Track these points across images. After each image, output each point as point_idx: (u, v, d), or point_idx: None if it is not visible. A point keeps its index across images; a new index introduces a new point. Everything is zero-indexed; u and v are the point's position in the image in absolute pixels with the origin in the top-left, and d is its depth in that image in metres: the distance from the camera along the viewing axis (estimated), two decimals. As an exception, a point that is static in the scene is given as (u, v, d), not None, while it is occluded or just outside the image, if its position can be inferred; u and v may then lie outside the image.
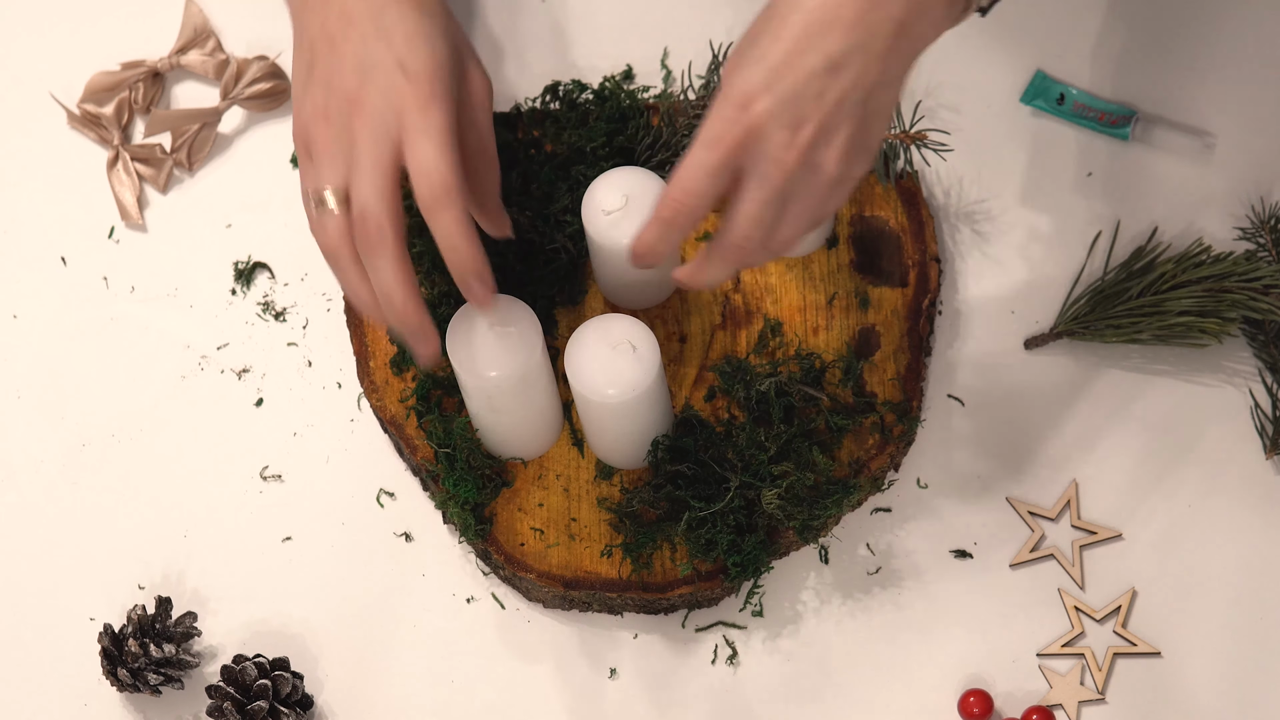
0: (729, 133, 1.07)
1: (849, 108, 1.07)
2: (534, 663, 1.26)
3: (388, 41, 1.11)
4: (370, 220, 1.10)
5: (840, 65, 1.07)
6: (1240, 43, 1.36)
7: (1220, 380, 1.29)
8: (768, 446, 1.23)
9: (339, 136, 1.12)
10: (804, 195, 1.09)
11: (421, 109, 1.10)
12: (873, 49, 1.07)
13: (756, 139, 1.07)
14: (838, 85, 1.07)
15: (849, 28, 1.06)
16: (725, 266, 1.12)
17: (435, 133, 1.10)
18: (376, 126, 1.11)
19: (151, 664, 1.23)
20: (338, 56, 1.12)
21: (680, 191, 1.09)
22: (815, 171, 1.08)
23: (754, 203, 1.09)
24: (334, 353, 1.33)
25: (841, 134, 1.08)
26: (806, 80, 1.06)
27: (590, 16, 1.39)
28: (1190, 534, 1.26)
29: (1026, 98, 1.35)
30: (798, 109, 1.07)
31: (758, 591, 1.26)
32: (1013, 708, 1.24)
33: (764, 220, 1.09)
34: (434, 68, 1.11)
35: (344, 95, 1.12)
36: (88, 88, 1.38)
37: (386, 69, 1.11)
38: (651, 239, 1.11)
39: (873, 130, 1.09)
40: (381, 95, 1.11)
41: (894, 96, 1.10)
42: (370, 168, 1.11)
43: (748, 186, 1.09)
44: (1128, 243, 1.32)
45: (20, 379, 1.33)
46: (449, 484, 1.24)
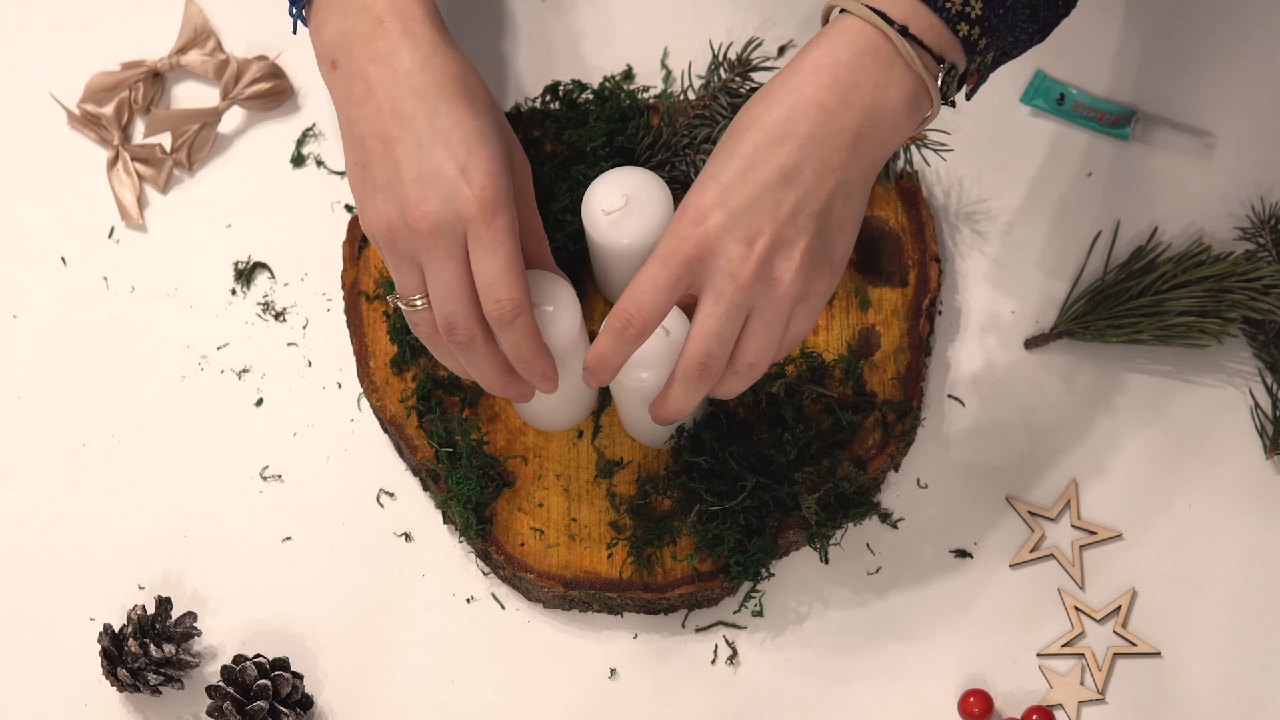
0: (681, 248, 1.07)
1: (804, 220, 1.07)
2: (534, 663, 1.26)
3: (446, 147, 1.11)
4: (460, 330, 1.12)
5: (793, 177, 1.06)
6: (1240, 43, 1.36)
7: (1220, 380, 1.29)
8: (788, 450, 1.23)
9: (409, 248, 1.12)
10: (764, 310, 1.09)
11: (486, 221, 1.10)
12: (829, 160, 1.07)
13: (710, 254, 1.07)
14: (791, 197, 1.07)
15: (802, 141, 1.06)
16: (692, 389, 1.11)
17: (500, 248, 1.11)
18: (444, 237, 1.11)
19: (151, 664, 1.23)
20: (394, 160, 1.12)
21: (632, 304, 1.09)
22: (772, 285, 1.08)
23: (711, 318, 1.08)
24: (334, 353, 1.33)
25: (798, 246, 1.07)
26: (759, 194, 1.07)
27: (590, 16, 1.39)
28: (1190, 534, 1.26)
29: (1026, 98, 1.35)
30: (751, 222, 1.07)
31: (756, 594, 1.26)
32: (1013, 708, 1.24)
33: (723, 335, 1.09)
34: (495, 173, 1.11)
35: (407, 206, 1.11)
36: (88, 88, 1.38)
37: (448, 178, 1.11)
38: (603, 350, 1.11)
39: (835, 243, 1.09)
40: (445, 206, 1.11)
41: (856, 208, 1.09)
42: (447, 284, 1.12)
43: (704, 302, 1.09)
44: (1128, 243, 1.32)
45: (20, 379, 1.33)
46: (451, 482, 1.24)
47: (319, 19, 1.16)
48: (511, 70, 1.38)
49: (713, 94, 1.30)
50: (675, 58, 1.37)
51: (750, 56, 1.30)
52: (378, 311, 1.30)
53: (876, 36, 1.07)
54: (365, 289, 1.30)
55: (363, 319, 1.30)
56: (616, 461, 1.26)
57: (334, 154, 1.37)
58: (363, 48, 1.14)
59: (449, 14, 1.39)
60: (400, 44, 1.13)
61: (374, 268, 1.31)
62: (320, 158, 1.37)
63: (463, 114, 1.12)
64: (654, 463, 1.26)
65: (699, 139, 1.30)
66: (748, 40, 1.30)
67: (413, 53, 1.13)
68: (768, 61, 1.33)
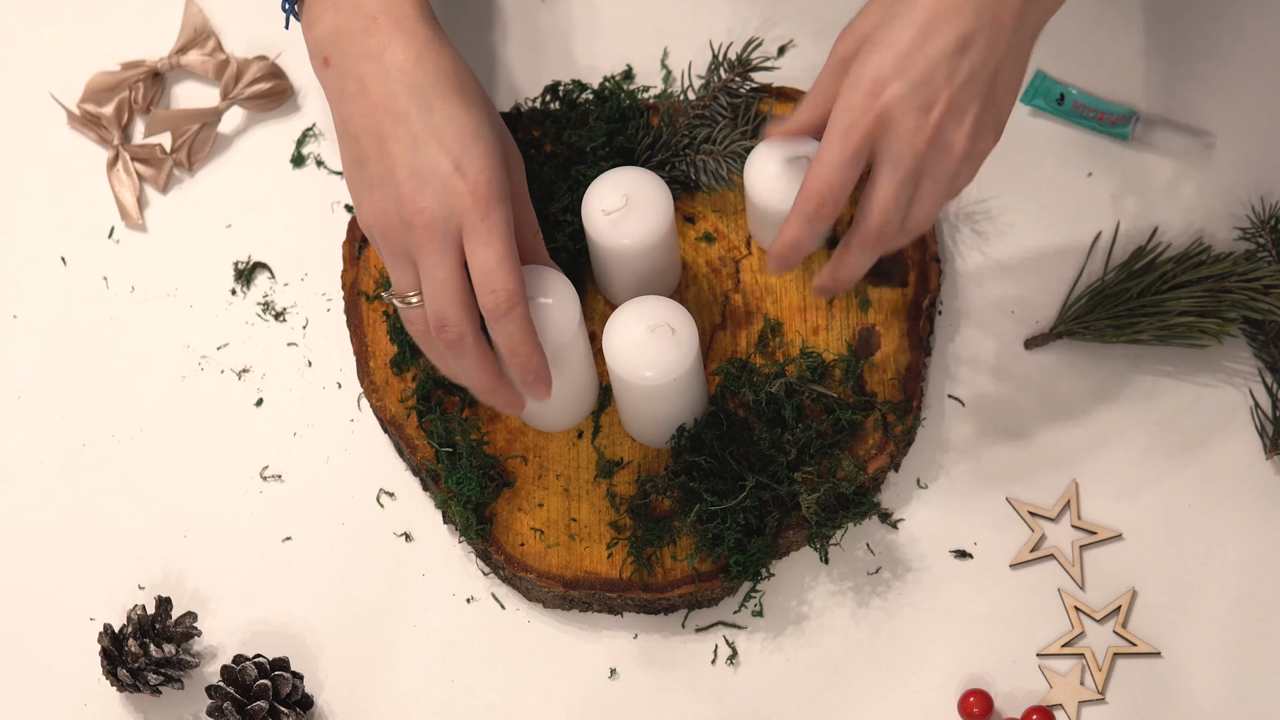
0: (861, 120, 1.10)
1: (978, 86, 1.10)
2: (534, 663, 1.26)
3: (440, 143, 1.12)
4: (450, 328, 1.13)
5: (969, 45, 1.09)
6: (1240, 43, 1.36)
7: (1220, 380, 1.29)
8: (788, 450, 1.23)
9: (404, 244, 1.13)
10: (935, 174, 1.12)
11: (482, 215, 1.11)
12: (1000, 27, 1.10)
13: (889, 124, 1.10)
14: (966, 64, 1.10)
15: (977, 8, 1.09)
16: (867, 255, 1.15)
17: (496, 240, 1.11)
18: (438, 233, 1.12)
19: (151, 664, 1.23)
20: (389, 157, 1.13)
21: (821, 183, 1.11)
22: (946, 150, 1.11)
23: (890, 185, 1.11)
24: (334, 353, 1.33)
25: (970, 112, 1.11)
26: (937, 62, 1.09)
27: (590, 16, 1.39)
28: (1190, 534, 1.26)
29: (1026, 98, 1.35)
30: (928, 91, 1.10)
31: (756, 595, 1.26)
32: (1013, 708, 1.24)
33: (900, 202, 1.12)
34: (490, 168, 1.12)
35: (403, 202, 1.12)
36: (88, 88, 1.38)
37: (443, 174, 1.12)
38: (795, 234, 1.14)
39: (1001, 106, 1.12)
40: (440, 201, 1.12)
41: (1020, 73, 1.12)
42: (440, 280, 1.12)
43: (882, 171, 1.12)
44: (1128, 243, 1.32)
45: (20, 379, 1.33)
46: (452, 482, 1.24)
47: (311, 15, 1.17)
48: (511, 70, 1.38)
49: (713, 94, 1.30)
50: (675, 58, 1.37)
51: (750, 56, 1.30)
52: (378, 311, 1.30)
53: None
54: (365, 289, 1.30)
55: (363, 319, 1.30)
56: (616, 461, 1.26)
57: (334, 154, 1.37)
58: (355, 45, 1.14)
59: (449, 13, 1.39)
60: (393, 40, 1.13)
61: (374, 268, 1.31)
62: (320, 158, 1.37)
63: (456, 110, 1.12)
64: (654, 463, 1.26)
65: (699, 139, 1.30)
66: (748, 40, 1.30)
67: (405, 49, 1.13)
68: (768, 61, 1.33)
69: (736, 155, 1.29)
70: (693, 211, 1.31)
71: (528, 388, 1.16)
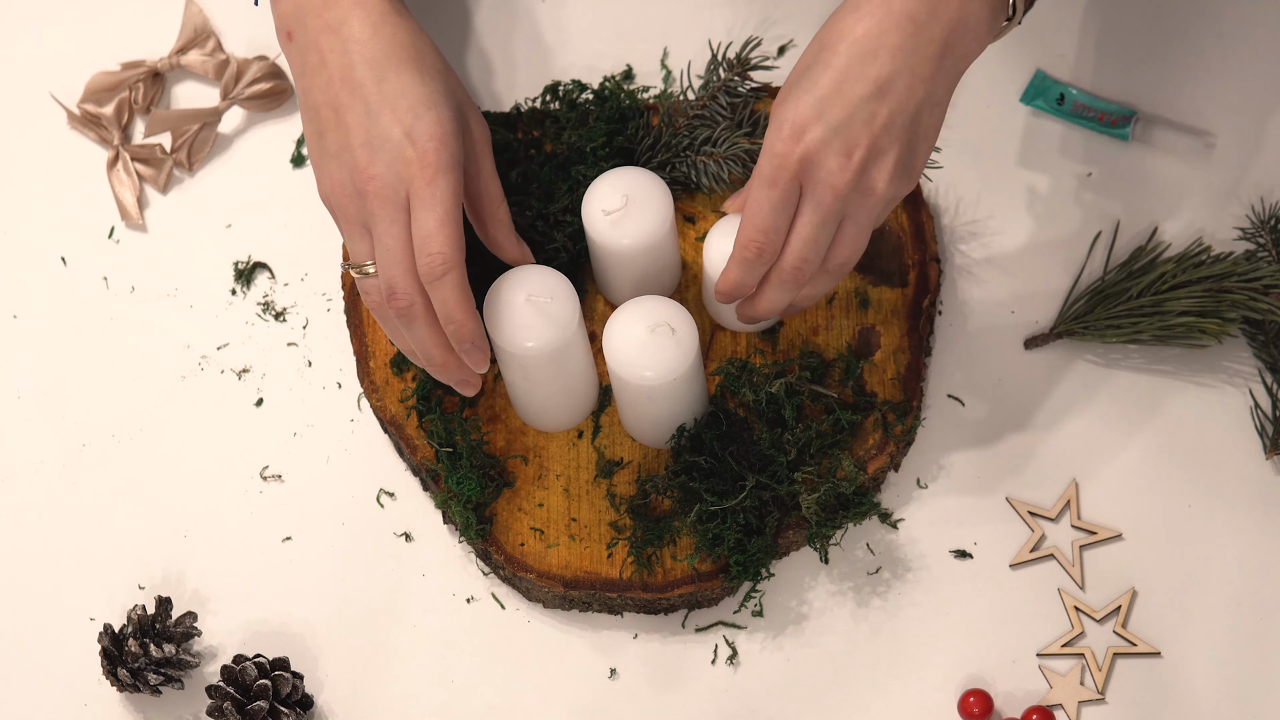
0: (785, 164, 1.12)
1: (897, 130, 1.12)
2: (534, 663, 1.26)
3: (393, 111, 1.13)
4: (400, 296, 1.14)
5: (886, 89, 1.11)
6: (1240, 43, 1.36)
7: (1220, 380, 1.29)
8: (788, 450, 1.23)
9: (359, 212, 1.15)
10: (856, 215, 1.14)
11: (428, 181, 1.13)
12: (918, 71, 1.11)
13: (811, 166, 1.12)
14: (885, 108, 1.11)
15: (894, 52, 1.11)
16: (784, 292, 1.16)
17: (439, 206, 1.13)
18: (388, 200, 1.14)
19: (151, 664, 1.23)
20: (345, 127, 1.15)
21: (756, 231, 1.14)
22: (866, 193, 1.13)
23: (810, 226, 1.13)
24: (334, 353, 1.33)
25: (891, 155, 1.12)
26: (856, 106, 1.11)
27: (590, 16, 1.39)
28: (1190, 534, 1.26)
29: (1026, 98, 1.35)
30: (849, 134, 1.11)
31: (756, 595, 1.26)
32: (1013, 708, 1.24)
33: (819, 242, 1.14)
34: (441, 136, 1.13)
35: (357, 171, 1.14)
36: (88, 88, 1.38)
37: (394, 141, 1.13)
38: (736, 278, 1.16)
39: (919, 150, 1.14)
40: (389, 168, 1.13)
41: (939, 116, 1.14)
42: (390, 246, 1.14)
43: (803, 211, 1.13)
44: (1128, 243, 1.32)
45: (20, 379, 1.33)
46: (452, 482, 1.24)
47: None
48: (511, 70, 1.38)
49: (712, 94, 1.30)
50: (675, 58, 1.37)
51: (749, 56, 1.30)
52: (378, 311, 1.30)
53: None
54: (365, 289, 1.30)
55: (363, 319, 1.30)
56: (616, 461, 1.26)
57: (334, 154, 1.37)
58: (315, 18, 1.16)
59: (449, 14, 1.39)
60: (351, 13, 1.15)
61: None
62: (320, 158, 1.37)
63: (410, 80, 1.14)
64: (654, 463, 1.26)
65: (699, 139, 1.30)
66: (746, 40, 1.30)
67: (363, 21, 1.15)
68: (767, 61, 1.33)
69: (736, 157, 1.29)
70: (693, 212, 1.31)
71: (465, 356, 1.17)
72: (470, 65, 1.38)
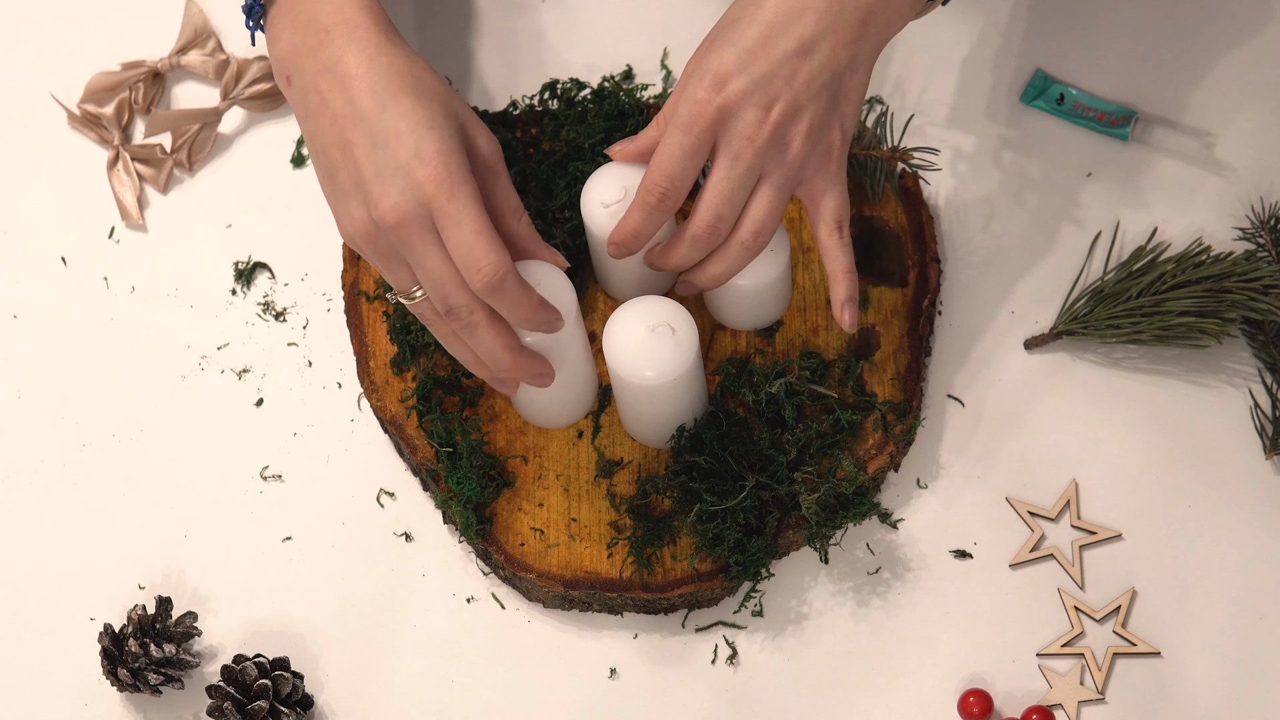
0: (703, 112, 1.12)
1: (817, 88, 1.12)
2: (534, 663, 1.26)
3: (396, 137, 1.13)
4: (459, 313, 1.14)
5: (811, 48, 1.12)
6: (1240, 43, 1.36)
7: (1220, 380, 1.29)
8: (788, 450, 1.23)
9: (388, 245, 1.14)
10: (772, 174, 1.14)
11: (448, 196, 1.12)
12: (842, 34, 1.12)
13: (729, 117, 1.12)
14: (808, 66, 1.12)
15: (820, 13, 1.12)
16: (698, 249, 1.16)
17: (467, 217, 1.12)
18: (415, 225, 1.13)
19: (152, 664, 1.23)
20: (354, 163, 1.14)
21: (663, 176, 1.13)
22: (784, 149, 1.13)
23: (725, 180, 1.13)
24: (334, 353, 1.33)
25: (808, 113, 1.13)
26: (779, 61, 1.12)
27: (590, 16, 1.39)
28: (1190, 534, 1.26)
29: (1026, 98, 1.35)
30: (769, 88, 1.12)
31: (756, 594, 1.26)
32: (1013, 708, 1.24)
33: (734, 198, 1.14)
34: (446, 151, 1.13)
35: (374, 203, 1.13)
36: (88, 88, 1.38)
37: (403, 166, 1.12)
38: (634, 225, 1.15)
39: (842, 111, 1.14)
40: (405, 194, 1.12)
41: (862, 81, 1.15)
42: (432, 269, 1.13)
43: (719, 164, 1.13)
44: (1128, 243, 1.32)
45: (20, 379, 1.33)
46: (452, 482, 1.24)
47: (273, 33, 1.19)
48: (511, 70, 1.38)
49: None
50: (675, 58, 1.37)
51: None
52: (378, 311, 1.30)
53: None
54: (365, 289, 1.30)
55: (363, 319, 1.30)
56: (616, 461, 1.26)
57: (334, 154, 1.37)
58: (312, 59, 1.16)
59: (449, 15, 1.39)
60: (345, 51, 1.15)
61: (373, 268, 1.31)
62: (320, 158, 1.37)
63: (409, 106, 1.14)
64: (654, 463, 1.26)
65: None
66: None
67: (358, 56, 1.15)
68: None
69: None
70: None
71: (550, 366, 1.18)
72: (470, 66, 1.38)
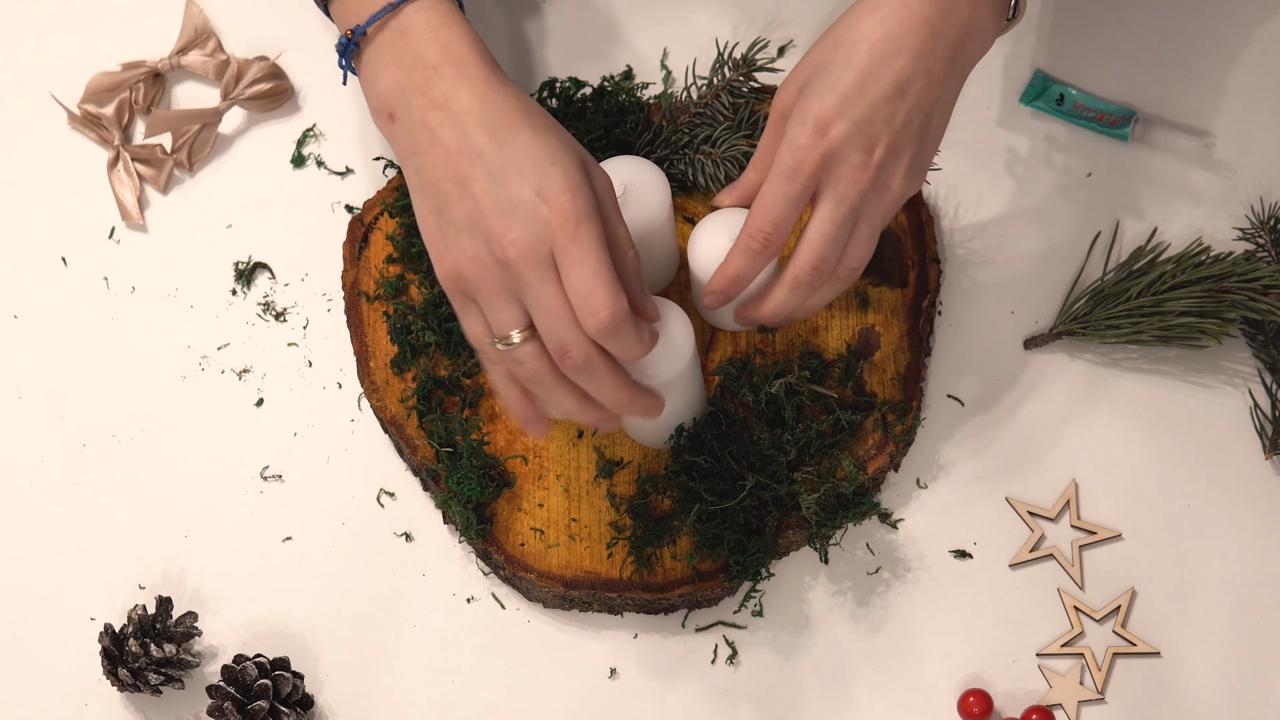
0: (808, 158, 1.13)
1: (913, 130, 1.14)
2: (534, 663, 1.26)
3: (520, 174, 1.11)
4: (575, 351, 1.10)
5: (906, 89, 1.13)
6: (1240, 43, 1.36)
7: (1220, 380, 1.29)
8: (788, 450, 1.23)
9: (503, 280, 1.11)
10: (871, 214, 1.15)
11: (571, 236, 1.09)
12: (934, 73, 1.13)
13: (834, 162, 1.13)
14: (904, 108, 1.13)
15: (915, 54, 1.13)
16: (800, 293, 1.16)
17: (588, 259, 1.09)
18: (536, 261, 1.10)
19: (152, 664, 1.23)
20: (472, 198, 1.11)
21: (765, 220, 1.14)
22: (884, 191, 1.14)
23: (830, 223, 1.14)
24: (334, 353, 1.33)
25: (907, 153, 1.14)
26: (878, 104, 1.13)
27: (590, 16, 1.39)
28: (1190, 534, 1.26)
29: (1026, 98, 1.35)
30: (870, 132, 1.13)
31: (756, 594, 1.26)
32: (1013, 708, 1.24)
33: (838, 240, 1.15)
34: (571, 189, 1.10)
35: (493, 239, 1.10)
36: (88, 88, 1.38)
37: (527, 202, 1.10)
38: (737, 269, 1.16)
39: (928, 150, 1.16)
40: (529, 230, 1.10)
41: (947, 118, 1.16)
42: (550, 306, 1.10)
43: (823, 206, 1.14)
44: (1128, 243, 1.32)
45: (20, 379, 1.34)
46: (451, 482, 1.24)
47: (371, 72, 1.16)
48: (511, 70, 1.38)
49: (715, 93, 1.30)
50: (677, 57, 1.37)
51: (755, 57, 1.29)
52: (378, 312, 1.30)
53: None
54: (365, 289, 1.30)
55: (363, 319, 1.30)
56: (616, 461, 1.26)
57: (334, 154, 1.37)
58: (420, 97, 1.13)
59: (449, 14, 1.39)
60: (456, 87, 1.13)
61: (374, 268, 1.31)
62: (320, 158, 1.37)
63: (528, 139, 1.11)
64: (654, 463, 1.26)
65: (699, 139, 1.29)
66: (753, 41, 1.30)
67: (470, 93, 1.13)
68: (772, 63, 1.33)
69: (734, 159, 1.29)
70: (693, 212, 1.31)
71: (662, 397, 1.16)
72: (470, 65, 1.38)
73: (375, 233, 1.31)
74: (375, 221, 1.32)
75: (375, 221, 1.32)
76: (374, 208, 1.32)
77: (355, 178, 1.36)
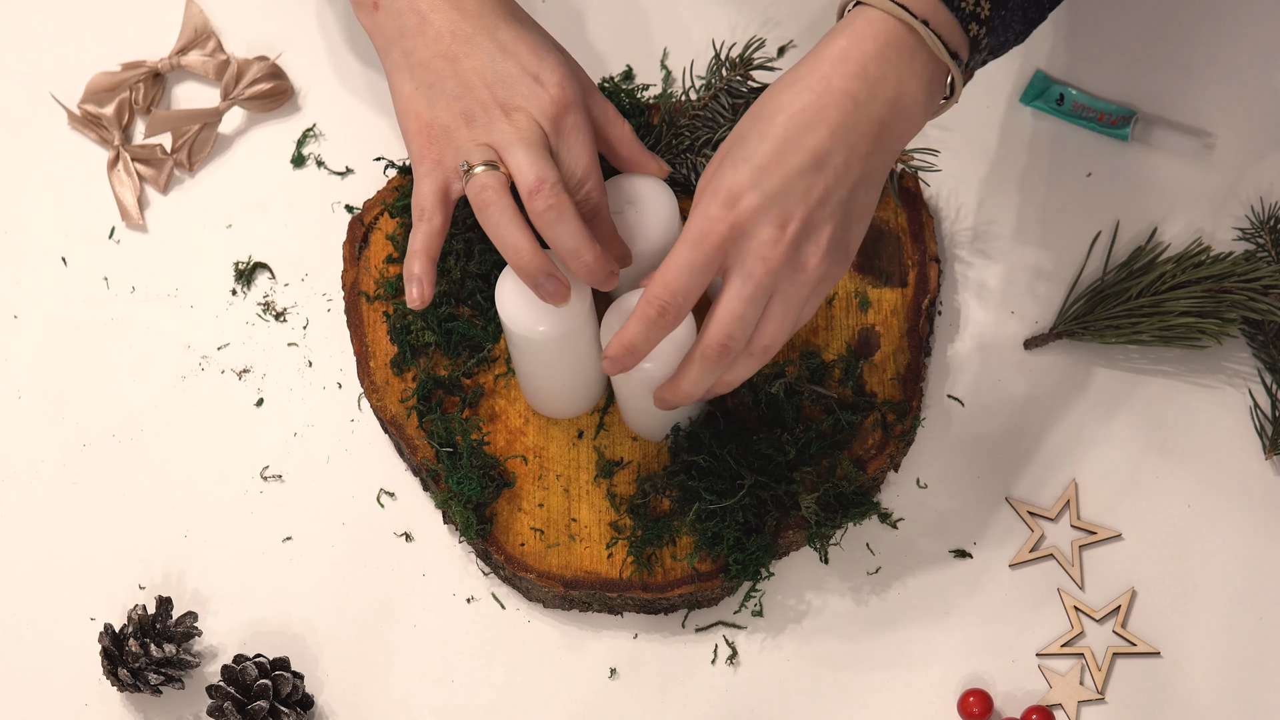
0: (715, 229, 1.08)
1: (832, 206, 1.09)
2: (534, 663, 1.26)
3: (514, 57, 1.16)
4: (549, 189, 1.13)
5: (824, 163, 1.08)
6: (1240, 43, 1.36)
7: (1220, 380, 1.29)
8: (787, 450, 1.23)
9: (485, 131, 1.15)
10: (786, 293, 1.10)
11: (563, 118, 1.15)
12: (857, 149, 1.09)
13: (742, 235, 1.08)
14: (822, 182, 1.08)
15: (833, 128, 1.08)
16: (709, 371, 1.12)
17: (581, 139, 1.15)
18: (526, 123, 1.14)
19: (152, 664, 1.23)
20: (464, 73, 1.16)
21: (666, 291, 1.09)
22: (798, 269, 1.09)
23: (737, 300, 1.09)
24: (334, 353, 1.33)
25: (824, 231, 1.09)
26: (793, 177, 1.08)
27: (590, 16, 1.39)
28: (1190, 534, 1.26)
29: (1026, 98, 1.35)
30: (785, 205, 1.08)
31: (756, 594, 1.26)
32: (1013, 708, 1.24)
33: (747, 318, 1.10)
34: (565, 77, 1.16)
35: (485, 103, 1.15)
36: (88, 88, 1.38)
37: (524, 80, 1.15)
38: (632, 337, 1.11)
39: (852, 230, 1.11)
40: (526, 101, 1.15)
41: (874, 197, 1.11)
42: (528, 146, 1.14)
43: (731, 283, 1.09)
44: (1128, 243, 1.32)
45: (20, 379, 1.34)
46: (452, 482, 1.24)
47: None
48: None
49: (714, 94, 1.30)
50: (676, 57, 1.37)
51: (753, 56, 1.30)
52: (378, 311, 1.30)
53: (900, 30, 1.09)
54: (365, 289, 1.30)
55: (363, 319, 1.30)
56: (616, 461, 1.26)
57: (334, 154, 1.37)
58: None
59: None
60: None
61: (374, 268, 1.31)
62: (320, 158, 1.37)
63: (520, 30, 1.17)
64: (653, 463, 1.26)
65: (699, 141, 1.29)
66: (749, 40, 1.30)
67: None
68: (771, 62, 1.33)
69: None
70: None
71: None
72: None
73: (375, 233, 1.31)
74: (375, 221, 1.32)
75: (375, 221, 1.32)
76: (374, 208, 1.32)
77: (355, 178, 1.36)
